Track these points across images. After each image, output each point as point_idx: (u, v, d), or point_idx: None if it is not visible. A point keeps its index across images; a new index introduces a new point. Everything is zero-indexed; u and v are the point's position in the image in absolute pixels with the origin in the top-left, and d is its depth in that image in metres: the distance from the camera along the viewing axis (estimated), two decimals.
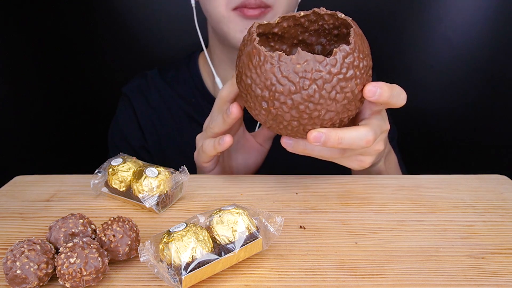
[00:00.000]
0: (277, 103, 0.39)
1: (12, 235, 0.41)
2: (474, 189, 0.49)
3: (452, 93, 1.09)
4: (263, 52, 0.39)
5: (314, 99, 0.38)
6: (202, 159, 0.52)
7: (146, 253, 0.33)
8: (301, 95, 0.38)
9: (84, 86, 1.12)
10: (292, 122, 0.41)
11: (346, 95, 0.39)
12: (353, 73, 0.39)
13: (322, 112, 0.40)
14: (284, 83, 0.38)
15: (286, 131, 0.42)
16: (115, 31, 1.06)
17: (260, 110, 0.41)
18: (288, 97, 0.39)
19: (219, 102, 0.51)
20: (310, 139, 0.40)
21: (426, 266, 0.36)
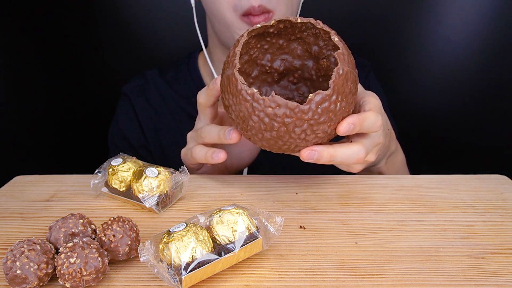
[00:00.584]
0: (249, 133, 0.41)
1: (12, 235, 0.41)
2: (474, 189, 0.49)
3: (452, 93, 1.08)
4: (240, 84, 0.39)
5: (284, 138, 0.40)
6: (189, 161, 0.52)
7: (146, 253, 0.33)
8: (270, 133, 0.40)
9: (84, 86, 1.11)
10: (265, 146, 0.42)
11: (318, 135, 0.40)
12: (326, 117, 0.39)
13: (291, 146, 0.41)
14: (255, 120, 0.39)
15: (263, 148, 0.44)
16: (115, 31, 1.06)
17: (237, 126, 0.43)
18: (259, 132, 0.40)
19: (200, 107, 0.52)
20: (304, 157, 0.41)
21: (426, 266, 0.36)
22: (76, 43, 1.07)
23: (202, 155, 0.50)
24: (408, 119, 1.08)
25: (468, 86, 1.07)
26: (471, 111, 1.09)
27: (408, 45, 1.06)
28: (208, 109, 0.51)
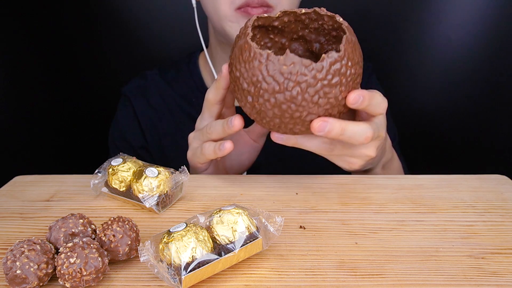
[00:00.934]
0: (261, 100, 0.40)
1: (12, 235, 0.41)
2: (474, 189, 0.49)
3: (452, 92, 1.08)
4: (254, 49, 0.39)
5: (297, 100, 0.39)
6: (199, 160, 0.52)
7: (146, 253, 0.33)
8: (284, 95, 0.39)
9: (84, 86, 1.11)
10: (274, 119, 0.42)
11: (329, 100, 0.40)
12: (338, 80, 0.39)
13: (303, 114, 0.40)
14: (269, 81, 0.39)
15: (269, 126, 0.43)
16: (115, 31, 1.06)
17: (246, 103, 0.42)
18: (271, 95, 0.40)
19: (208, 104, 0.52)
20: (315, 128, 0.41)
21: (426, 266, 0.36)
22: (76, 43, 1.07)
23: (211, 150, 0.50)
24: (408, 118, 1.08)
25: (468, 86, 1.07)
26: (471, 111, 1.09)
27: (408, 44, 1.06)
28: (216, 105, 0.51)
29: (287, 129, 0.43)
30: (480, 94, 1.07)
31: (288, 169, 0.65)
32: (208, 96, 0.51)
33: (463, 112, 1.10)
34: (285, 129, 0.43)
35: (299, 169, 0.63)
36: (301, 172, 0.56)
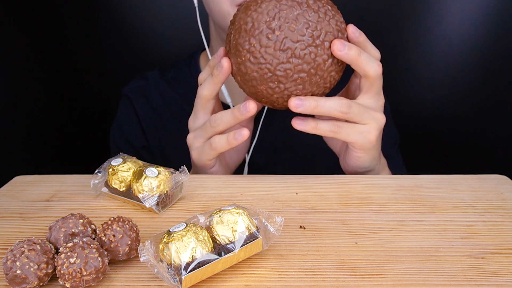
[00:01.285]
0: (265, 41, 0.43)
1: (12, 235, 0.41)
2: (474, 189, 0.49)
3: (452, 93, 1.08)
4: None
5: None
6: (207, 157, 0.51)
7: (146, 253, 0.33)
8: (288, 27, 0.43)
9: (84, 86, 1.11)
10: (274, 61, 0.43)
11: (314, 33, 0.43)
12: None
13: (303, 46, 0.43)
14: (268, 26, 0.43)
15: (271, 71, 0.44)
16: (116, 31, 1.06)
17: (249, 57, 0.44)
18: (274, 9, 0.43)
19: (202, 101, 0.51)
20: (291, 105, 0.44)
21: (426, 266, 0.36)
22: (76, 43, 1.07)
23: (224, 142, 0.49)
24: (408, 118, 1.08)
25: (468, 86, 1.07)
26: (471, 111, 1.09)
27: (408, 44, 1.06)
28: (211, 101, 0.51)
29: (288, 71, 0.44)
30: (480, 94, 1.07)
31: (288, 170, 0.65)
32: (203, 92, 0.50)
33: (463, 112, 1.10)
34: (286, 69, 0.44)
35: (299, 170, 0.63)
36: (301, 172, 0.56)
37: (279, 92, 0.45)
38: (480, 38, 1.02)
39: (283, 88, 0.44)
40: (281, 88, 0.44)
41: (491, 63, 1.04)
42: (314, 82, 0.44)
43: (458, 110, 1.10)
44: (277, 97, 0.45)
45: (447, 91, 1.09)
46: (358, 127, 0.47)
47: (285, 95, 0.45)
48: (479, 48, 1.03)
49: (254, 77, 0.44)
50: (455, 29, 1.03)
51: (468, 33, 1.03)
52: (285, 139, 0.75)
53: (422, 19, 1.03)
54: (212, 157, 0.52)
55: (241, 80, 0.46)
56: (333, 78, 0.46)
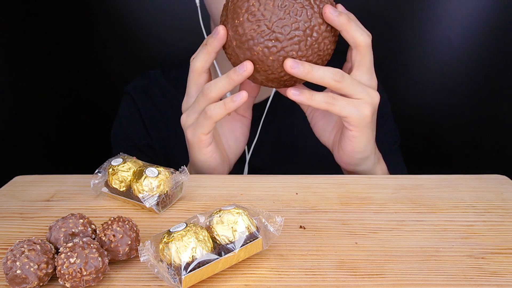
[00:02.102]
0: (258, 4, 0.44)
1: (12, 235, 0.41)
2: (474, 189, 0.49)
3: (452, 92, 1.08)
4: None
5: None
6: (203, 130, 0.49)
7: (146, 253, 0.33)
8: None
9: (85, 86, 1.11)
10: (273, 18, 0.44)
11: None
12: None
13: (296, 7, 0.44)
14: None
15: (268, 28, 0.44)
16: (117, 30, 1.06)
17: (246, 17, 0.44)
18: None
19: (195, 75, 0.50)
20: (287, 65, 0.43)
21: (426, 266, 0.36)
22: (78, 43, 1.07)
23: (220, 107, 0.47)
24: (408, 118, 1.08)
25: (468, 86, 1.07)
26: (471, 111, 1.09)
27: (407, 44, 1.06)
28: (204, 74, 0.50)
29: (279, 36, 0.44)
30: (480, 94, 1.07)
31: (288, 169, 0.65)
32: (196, 64, 0.49)
33: (463, 112, 1.10)
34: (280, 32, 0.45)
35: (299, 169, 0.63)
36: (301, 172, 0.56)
37: (275, 53, 0.44)
38: (480, 38, 1.02)
39: (279, 48, 0.44)
40: (277, 48, 0.44)
41: (491, 63, 1.04)
42: (309, 44, 0.45)
43: (458, 110, 1.09)
44: (272, 59, 0.45)
45: (447, 91, 1.09)
46: (352, 101, 0.47)
47: (280, 57, 0.44)
48: (479, 48, 1.03)
49: (252, 37, 0.44)
50: (455, 29, 1.03)
51: (468, 33, 1.03)
52: (285, 139, 0.75)
53: (422, 19, 1.03)
54: (208, 130, 0.49)
55: (237, 45, 0.46)
56: (327, 48, 0.46)
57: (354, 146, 0.50)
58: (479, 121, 1.10)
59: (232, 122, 0.56)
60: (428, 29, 1.04)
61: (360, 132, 0.49)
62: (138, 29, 1.06)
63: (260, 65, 0.45)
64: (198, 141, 0.51)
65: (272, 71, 0.46)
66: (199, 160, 0.52)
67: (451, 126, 1.12)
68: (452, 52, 1.05)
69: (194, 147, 0.52)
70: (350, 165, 0.53)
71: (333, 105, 0.47)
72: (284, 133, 0.74)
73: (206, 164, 0.53)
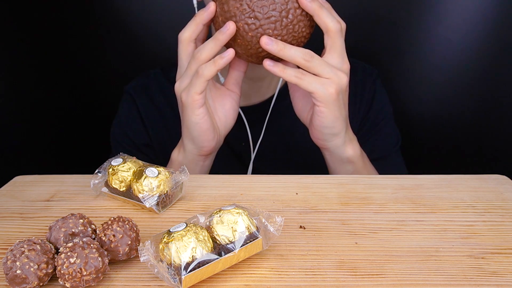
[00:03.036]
0: None
1: (12, 235, 0.41)
2: (474, 189, 0.49)
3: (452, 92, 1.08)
4: None
5: None
6: (196, 89, 0.52)
7: (146, 253, 0.33)
8: None
9: (85, 86, 1.11)
10: None
11: None
12: None
13: None
14: None
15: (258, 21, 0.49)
16: (117, 30, 1.06)
17: None
18: None
19: (184, 45, 0.54)
20: (263, 41, 0.49)
21: (426, 266, 0.36)
22: (77, 43, 1.07)
23: (211, 65, 0.50)
24: (408, 119, 1.08)
25: (468, 86, 1.07)
26: (471, 111, 1.09)
27: (408, 45, 1.06)
28: (192, 44, 0.54)
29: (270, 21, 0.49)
30: (480, 94, 1.07)
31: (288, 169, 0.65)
32: (184, 34, 0.53)
33: (463, 112, 1.10)
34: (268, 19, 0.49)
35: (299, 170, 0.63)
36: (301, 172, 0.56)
37: (253, 30, 0.49)
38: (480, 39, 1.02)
39: (258, 25, 0.49)
40: (256, 25, 0.49)
41: (491, 64, 1.04)
42: (284, 25, 0.49)
43: (458, 110, 1.09)
44: (251, 35, 0.50)
45: (447, 92, 1.09)
46: (319, 79, 0.51)
47: (258, 33, 0.49)
48: (479, 48, 1.03)
49: (235, 14, 0.49)
50: (455, 30, 1.03)
51: (468, 34, 1.03)
52: (286, 139, 0.75)
53: (422, 20, 1.03)
54: (201, 89, 0.52)
55: (222, 20, 0.51)
56: (302, 31, 0.51)
57: (322, 120, 0.53)
58: (479, 121, 1.10)
59: (222, 96, 0.58)
60: (427, 30, 1.04)
61: (327, 107, 0.52)
62: (138, 29, 1.06)
63: (240, 40, 0.51)
64: (192, 102, 0.53)
65: (251, 46, 0.51)
66: (192, 121, 0.54)
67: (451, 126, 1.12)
68: (452, 52, 1.05)
69: (187, 108, 0.54)
70: (320, 140, 0.57)
71: (301, 80, 0.51)
72: (286, 133, 0.74)
73: (198, 126, 0.55)
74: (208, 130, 0.55)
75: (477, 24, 1.02)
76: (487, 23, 1.01)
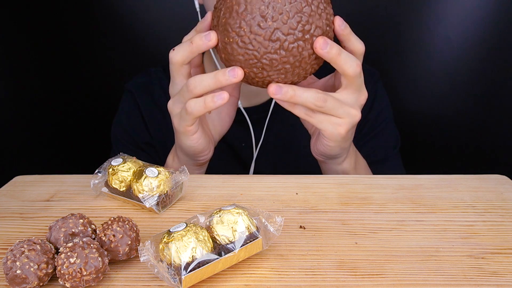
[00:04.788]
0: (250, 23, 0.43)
1: (12, 235, 0.41)
2: (474, 189, 0.49)
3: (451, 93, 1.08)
4: None
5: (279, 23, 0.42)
6: (186, 123, 0.49)
7: (146, 253, 0.33)
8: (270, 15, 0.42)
9: (85, 86, 1.11)
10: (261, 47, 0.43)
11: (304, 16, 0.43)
12: None
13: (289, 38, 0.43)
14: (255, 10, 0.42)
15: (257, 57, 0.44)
16: (117, 29, 1.06)
17: (236, 37, 0.43)
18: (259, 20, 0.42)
19: (176, 67, 0.49)
20: (270, 91, 0.45)
21: (426, 266, 0.36)
22: (77, 43, 1.07)
23: (200, 105, 0.47)
24: (408, 119, 1.08)
25: (468, 86, 1.07)
26: (471, 111, 1.09)
27: (407, 45, 1.06)
28: (185, 66, 0.49)
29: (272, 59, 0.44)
30: (480, 94, 1.07)
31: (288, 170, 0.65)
32: (175, 57, 0.48)
33: (463, 112, 1.10)
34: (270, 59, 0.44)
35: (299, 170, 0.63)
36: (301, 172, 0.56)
37: (260, 77, 0.45)
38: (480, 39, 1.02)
39: (265, 75, 0.45)
40: (263, 75, 0.45)
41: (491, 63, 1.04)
42: (296, 73, 0.45)
43: (458, 110, 1.10)
44: (257, 80, 0.46)
45: (446, 90, 1.09)
46: (331, 118, 0.48)
47: (266, 80, 0.46)
48: (479, 48, 1.03)
49: (239, 60, 0.44)
50: (455, 29, 1.03)
51: (468, 34, 1.03)
52: (287, 140, 0.75)
53: (421, 20, 1.03)
54: (191, 123, 0.49)
55: (225, 58, 0.46)
56: (313, 69, 0.47)
57: (327, 151, 0.52)
58: (479, 121, 1.10)
59: None
60: (427, 29, 1.04)
61: (334, 143, 0.50)
62: (138, 28, 1.06)
63: (245, 79, 0.46)
64: (184, 131, 0.51)
65: (256, 85, 0.47)
66: (185, 144, 0.53)
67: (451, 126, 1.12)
68: (452, 52, 1.05)
69: (180, 134, 0.52)
70: (319, 157, 0.55)
71: (312, 117, 0.48)
72: (286, 134, 0.74)
73: (191, 149, 0.53)
74: (203, 150, 0.54)
75: (477, 24, 1.02)
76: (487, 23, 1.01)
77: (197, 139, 0.52)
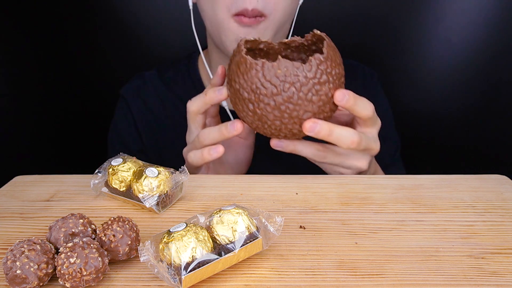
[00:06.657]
0: (261, 104, 0.45)
1: (12, 235, 0.41)
2: (474, 189, 0.49)
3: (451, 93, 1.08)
4: (249, 60, 0.44)
5: (293, 100, 0.44)
6: (190, 170, 0.54)
7: (146, 253, 0.33)
8: (282, 96, 0.44)
9: (84, 86, 1.11)
10: (275, 122, 0.46)
11: (321, 97, 0.45)
12: (326, 78, 0.45)
13: (300, 112, 0.45)
14: (267, 86, 0.44)
15: (270, 131, 0.48)
16: (115, 31, 1.06)
17: (248, 112, 0.47)
18: (271, 98, 0.44)
19: (191, 115, 0.54)
20: (306, 128, 0.46)
21: (426, 266, 0.36)
22: (76, 43, 1.07)
23: (198, 157, 0.52)
24: (408, 119, 1.08)
25: (468, 86, 1.07)
26: (471, 111, 1.09)
27: (407, 45, 1.06)
28: (200, 116, 0.54)
29: (287, 130, 0.47)
30: (480, 95, 1.08)
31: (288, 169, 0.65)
32: (191, 107, 0.53)
33: (463, 112, 1.10)
34: (285, 130, 0.47)
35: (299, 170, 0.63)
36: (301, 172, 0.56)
37: (271, 134, 0.49)
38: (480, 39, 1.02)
39: (276, 135, 0.49)
40: (275, 135, 0.49)
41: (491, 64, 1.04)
42: None
43: (458, 110, 1.10)
44: (264, 131, 0.49)
45: (446, 91, 1.09)
46: (336, 167, 0.52)
47: (282, 133, 0.48)
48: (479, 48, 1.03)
49: (251, 125, 0.49)
50: (454, 30, 1.03)
51: (468, 34, 1.03)
52: None
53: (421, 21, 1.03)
54: (194, 171, 0.55)
55: (236, 112, 0.50)
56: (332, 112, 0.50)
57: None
58: (479, 121, 1.10)
59: (235, 146, 0.58)
60: (427, 30, 1.04)
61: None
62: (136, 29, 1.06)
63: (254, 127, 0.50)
64: (192, 172, 0.56)
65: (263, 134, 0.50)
66: (199, 171, 0.57)
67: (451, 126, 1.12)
68: (452, 52, 1.05)
69: (192, 169, 0.57)
70: None
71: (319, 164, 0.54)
72: None
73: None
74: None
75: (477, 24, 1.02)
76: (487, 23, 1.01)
77: (207, 171, 0.58)
